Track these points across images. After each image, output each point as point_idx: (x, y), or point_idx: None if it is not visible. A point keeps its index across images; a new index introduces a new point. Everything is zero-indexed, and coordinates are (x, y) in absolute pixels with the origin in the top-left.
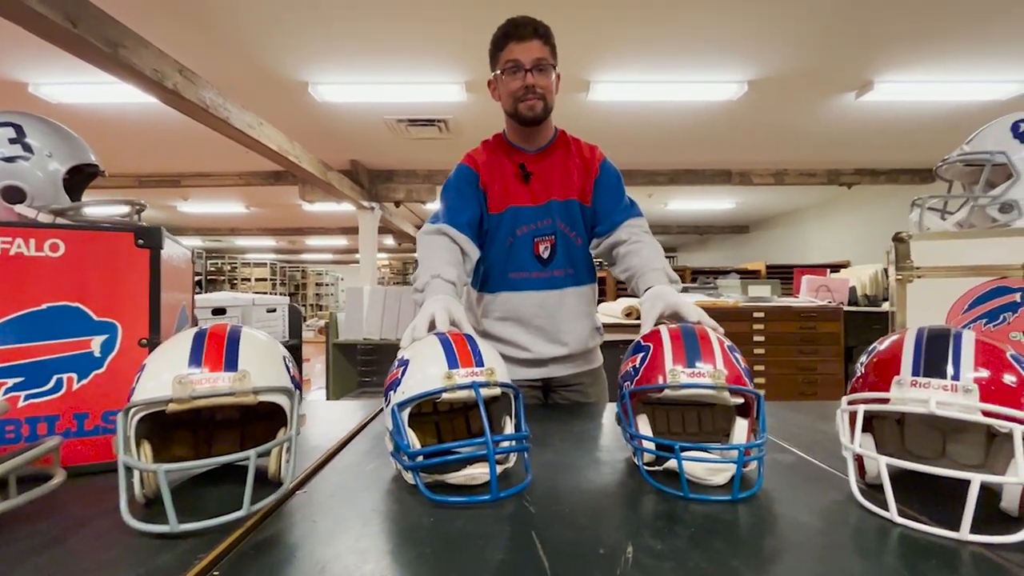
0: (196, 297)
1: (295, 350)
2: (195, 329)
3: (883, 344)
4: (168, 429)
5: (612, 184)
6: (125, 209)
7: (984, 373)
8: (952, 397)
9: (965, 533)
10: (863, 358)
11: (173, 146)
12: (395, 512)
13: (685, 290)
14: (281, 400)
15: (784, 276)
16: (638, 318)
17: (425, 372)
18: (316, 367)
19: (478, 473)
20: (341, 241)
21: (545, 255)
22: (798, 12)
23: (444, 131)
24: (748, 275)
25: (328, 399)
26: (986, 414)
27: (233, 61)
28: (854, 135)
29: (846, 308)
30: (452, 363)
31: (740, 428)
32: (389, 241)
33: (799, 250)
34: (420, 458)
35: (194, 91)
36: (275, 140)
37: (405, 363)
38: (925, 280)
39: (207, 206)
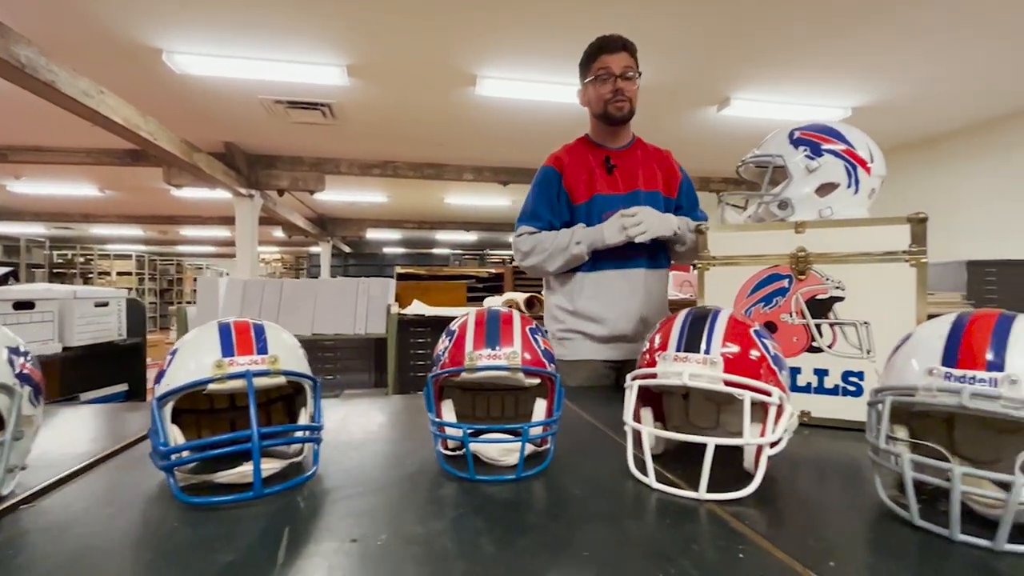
0: None
1: (136, 349)
2: None
3: (664, 324)
4: None
5: (691, 189)
6: None
7: (731, 348)
8: (702, 369)
9: (702, 492)
10: (648, 335)
11: None
12: (142, 520)
13: None
14: None
15: None
16: (518, 308)
17: (197, 361)
18: None
19: (250, 470)
20: (223, 232)
21: None
22: (667, 28)
23: (329, 116)
24: None
25: None
26: (727, 383)
27: (58, 14)
28: (718, 146)
29: None
30: (227, 350)
31: (538, 409)
32: (280, 233)
33: None
34: (184, 455)
35: (2, 46)
36: (121, 113)
37: (175, 352)
38: (719, 268)
39: (48, 187)
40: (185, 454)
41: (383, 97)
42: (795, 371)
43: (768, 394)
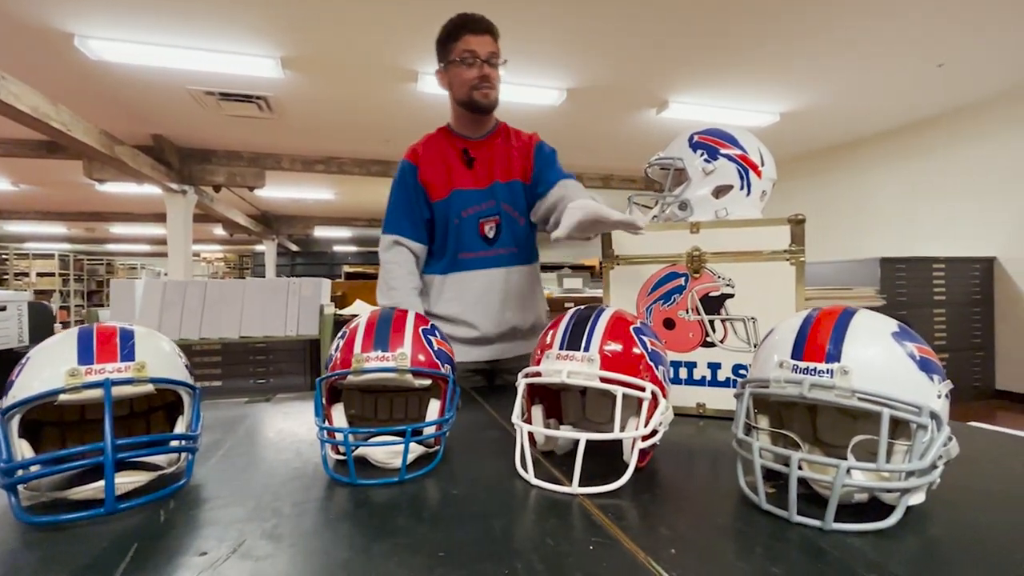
0: None
1: None
2: None
3: (555, 323)
4: None
5: (546, 156)
6: None
7: (610, 346)
8: (581, 367)
9: (575, 487)
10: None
11: None
12: None
13: None
14: None
15: None
16: None
17: (52, 369)
18: None
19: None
20: (158, 230)
21: (491, 235)
22: (607, 31)
23: (266, 110)
24: (585, 269)
25: None
26: (602, 380)
27: None
28: (658, 147)
29: None
30: (85, 358)
31: (432, 410)
32: (221, 231)
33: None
34: (33, 470)
35: None
36: (28, 101)
37: (27, 360)
38: (622, 267)
39: None
40: (35, 469)
41: (322, 91)
42: (691, 366)
43: (641, 389)
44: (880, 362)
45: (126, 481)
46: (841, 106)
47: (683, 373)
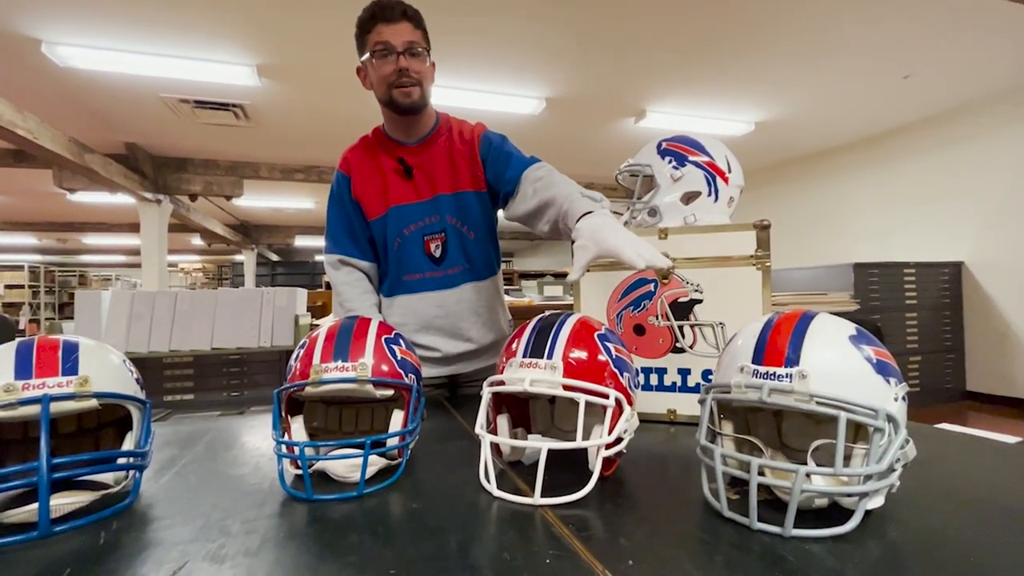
0: None
1: None
2: None
3: (519, 331)
4: None
5: (496, 150)
6: None
7: (574, 353)
8: (543, 375)
9: (537, 498)
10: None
11: None
12: None
13: (506, 293)
14: None
15: None
16: None
17: None
18: None
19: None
20: (133, 240)
21: (437, 253)
22: (585, 41)
23: (242, 118)
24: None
25: None
26: (565, 387)
27: None
28: None
29: None
30: (23, 372)
31: (395, 421)
32: (198, 241)
33: None
34: None
35: None
36: None
37: None
38: (593, 273)
39: None
40: None
41: (300, 99)
42: (662, 372)
43: (605, 396)
44: (837, 366)
45: (65, 502)
46: (814, 116)
47: (654, 379)
